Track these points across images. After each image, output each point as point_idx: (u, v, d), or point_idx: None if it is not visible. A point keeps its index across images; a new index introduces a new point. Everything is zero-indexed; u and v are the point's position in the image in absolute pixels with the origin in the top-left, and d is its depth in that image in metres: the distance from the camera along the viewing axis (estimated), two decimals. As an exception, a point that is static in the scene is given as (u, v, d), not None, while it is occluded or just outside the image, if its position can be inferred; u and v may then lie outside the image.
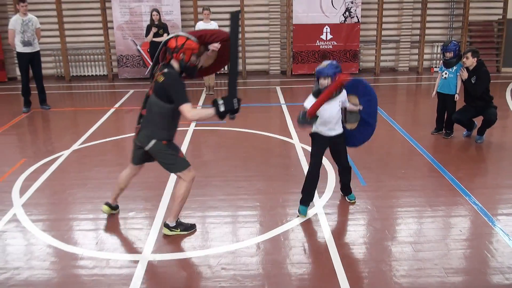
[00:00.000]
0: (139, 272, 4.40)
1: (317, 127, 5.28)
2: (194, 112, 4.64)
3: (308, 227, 5.15)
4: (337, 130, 5.33)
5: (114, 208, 5.49)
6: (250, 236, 5.02)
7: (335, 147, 5.47)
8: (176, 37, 4.73)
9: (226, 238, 5.00)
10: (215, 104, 4.53)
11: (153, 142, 4.77)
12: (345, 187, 5.75)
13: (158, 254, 4.71)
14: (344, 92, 5.24)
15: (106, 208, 5.43)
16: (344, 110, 5.44)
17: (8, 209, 5.70)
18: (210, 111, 4.56)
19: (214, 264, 4.51)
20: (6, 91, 12.80)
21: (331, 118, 5.18)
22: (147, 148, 4.84)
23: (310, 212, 5.41)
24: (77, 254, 4.76)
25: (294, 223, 5.21)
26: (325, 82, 5.02)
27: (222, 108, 4.51)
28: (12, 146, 8.37)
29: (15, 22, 9.88)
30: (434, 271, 4.31)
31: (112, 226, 5.34)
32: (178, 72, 4.74)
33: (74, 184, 6.38)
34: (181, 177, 4.93)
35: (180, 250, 4.79)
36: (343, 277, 4.23)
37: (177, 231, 5.05)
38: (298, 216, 5.32)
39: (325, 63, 5.10)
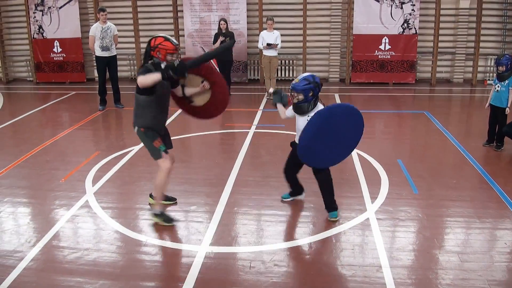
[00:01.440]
0: (197, 262, 4.47)
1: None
2: (141, 78, 4.66)
3: (359, 231, 5.06)
4: None
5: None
6: (303, 235, 4.99)
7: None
8: (156, 37, 4.88)
9: (280, 236, 5.00)
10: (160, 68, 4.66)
11: (136, 128, 5.08)
12: (325, 203, 5.33)
13: (215, 246, 4.77)
14: (317, 108, 4.97)
15: (150, 199, 5.68)
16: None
17: (81, 196, 5.95)
18: (156, 74, 4.61)
19: (267, 260, 4.51)
20: (85, 90, 13.35)
21: (298, 129, 5.13)
22: (135, 132, 5.14)
23: (362, 216, 5.32)
24: (141, 241, 4.90)
25: (346, 226, 5.14)
26: (299, 96, 4.91)
27: (163, 68, 4.62)
28: (87, 140, 8.72)
29: (95, 29, 10.30)
30: (478, 282, 4.14)
31: (175, 217, 5.44)
32: (152, 68, 4.82)
33: (141, 177, 6.55)
34: (159, 165, 5.11)
35: (236, 244, 4.83)
36: (390, 282, 4.12)
37: (157, 219, 5.20)
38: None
39: (299, 77, 4.96)
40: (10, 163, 7.21)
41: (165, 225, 5.17)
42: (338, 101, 11.33)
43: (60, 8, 13.79)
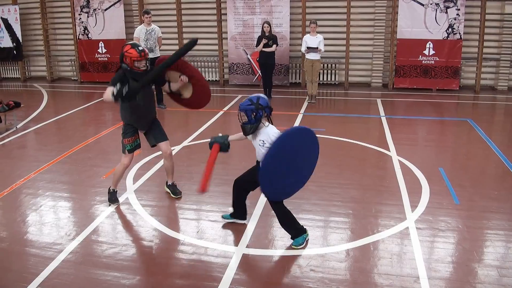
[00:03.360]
0: (234, 263, 4.50)
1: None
2: (105, 93, 5.04)
3: (398, 239, 4.98)
4: None
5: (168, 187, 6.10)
6: (341, 242, 4.95)
7: None
8: (126, 44, 5.22)
9: (317, 242, 4.96)
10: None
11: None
12: (290, 233, 4.93)
13: (252, 248, 4.80)
14: (263, 132, 4.74)
15: (166, 187, 6.15)
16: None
17: (122, 193, 6.08)
18: (111, 96, 4.94)
19: (304, 265, 4.50)
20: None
21: (258, 156, 4.89)
22: None
23: (402, 225, 5.24)
24: (179, 239, 4.98)
25: (384, 234, 5.07)
26: (243, 117, 4.69)
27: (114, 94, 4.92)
28: (129, 139, 8.89)
29: (139, 31, 10.52)
30: (517, 298, 4.02)
31: (213, 217, 5.50)
32: (121, 76, 5.22)
33: (181, 177, 6.61)
34: (121, 158, 5.69)
35: (273, 247, 4.83)
36: (428, 293, 4.06)
37: (109, 196, 5.82)
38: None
39: (250, 96, 4.76)
40: (53, 158, 7.45)
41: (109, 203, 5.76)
42: (380, 107, 11.17)
43: (105, 10, 14.16)
